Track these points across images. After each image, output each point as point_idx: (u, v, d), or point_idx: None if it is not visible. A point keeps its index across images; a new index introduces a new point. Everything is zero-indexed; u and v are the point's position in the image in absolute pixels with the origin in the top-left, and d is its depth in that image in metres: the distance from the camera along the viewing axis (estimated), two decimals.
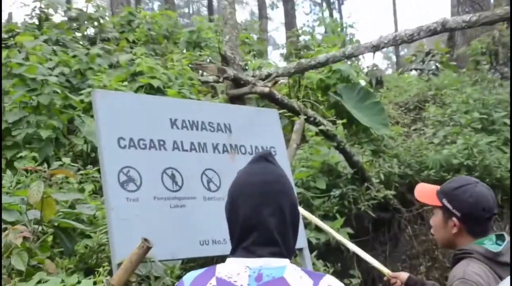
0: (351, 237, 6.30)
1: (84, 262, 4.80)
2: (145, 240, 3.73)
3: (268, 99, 6.06)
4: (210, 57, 7.93)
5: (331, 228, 5.11)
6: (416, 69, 12.89)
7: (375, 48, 6.60)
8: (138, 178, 4.12)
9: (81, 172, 5.89)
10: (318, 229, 5.85)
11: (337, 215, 6.52)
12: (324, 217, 6.42)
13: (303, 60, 6.94)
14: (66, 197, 4.84)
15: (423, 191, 3.13)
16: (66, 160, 5.95)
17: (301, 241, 4.83)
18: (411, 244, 7.41)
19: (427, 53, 12.56)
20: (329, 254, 6.32)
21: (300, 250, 4.82)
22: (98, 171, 5.17)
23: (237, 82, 5.81)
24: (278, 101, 5.95)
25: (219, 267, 2.08)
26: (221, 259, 5.11)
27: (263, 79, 6.08)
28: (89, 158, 6.74)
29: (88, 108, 6.87)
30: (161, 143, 4.37)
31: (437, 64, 12.35)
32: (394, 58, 24.78)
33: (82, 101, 6.97)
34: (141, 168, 4.16)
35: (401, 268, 7.30)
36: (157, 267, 4.21)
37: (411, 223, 7.57)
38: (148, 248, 3.73)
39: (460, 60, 12.33)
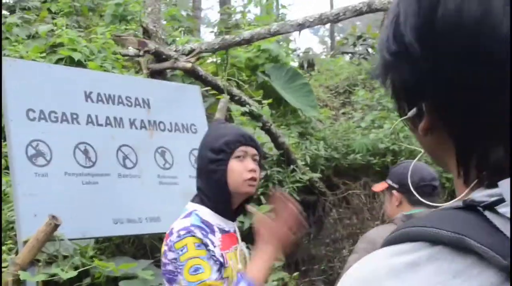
0: None
1: None
2: (53, 217, 3.52)
3: (191, 75, 5.85)
4: (136, 32, 7.63)
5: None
6: (347, 53, 12.87)
7: (301, 26, 6.46)
8: (48, 152, 3.89)
9: None
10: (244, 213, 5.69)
11: (262, 197, 6.38)
12: (248, 200, 6.26)
13: (227, 36, 6.75)
14: None
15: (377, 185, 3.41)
16: None
17: None
18: (335, 227, 7.36)
19: (359, 37, 12.56)
20: (252, 237, 6.20)
21: None
22: None
23: (159, 56, 5.59)
24: (202, 78, 5.75)
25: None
26: (138, 239, 4.95)
27: (186, 55, 5.86)
28: (2, 132, 6.39)
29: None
30: (74, 116, 4.14)
31: (368, 48, 12.36)
32: (329, 42, 24.85)
33: None
34: (51, 142, 3.93)
35: (324, 251, 7.24)
36: (67, 246, 3.99)
37: (336, 207, 7.51)
38: (56, 226, 3.52)
39: None
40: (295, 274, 6.10)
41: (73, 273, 3.63)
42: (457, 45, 0.70)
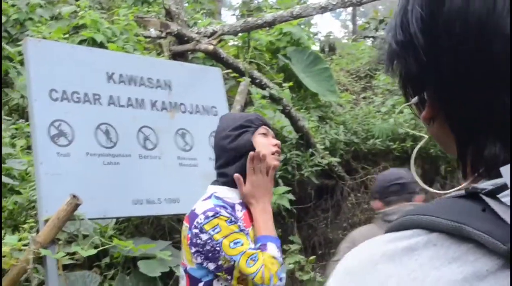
0: (293, 204, 6.21)
1: (13, 219, 4.60)
2: (74, 196, 3.56)
3: (213, 57, 5.86)
4: (158, 14, 7.64)
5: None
6: (369, 37, 12.80)
7: (323, 9, 6.44)
8: (70, 132, 3.93)
9: (13, 126, 5.63)
10: None
11: (279, 180, 6.40)
12: None
13: (249, 19, 6.74)
14: None
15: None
16: None
17: None
18: (353, 212, 7.37)
19: (381, 21, 12.46)
20: None
21: None
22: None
23: (180, 38, 5.59)
24: (223, 60, 5.76)
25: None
26: (157, 220, 5.00)
27: (208, 37, 5.86)
28: (25, 112, 6.46)
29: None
30: (96, 97, 4.18)
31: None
32: (351, 27, 24.69)
33: (20, 53, 6.65)
34: (73, 122, 3.97)
35: (341, 235, 7.26)
36: (87, 226, 4.05)
37: (354, 191, 7.52)
38: (77, 205, 3.57)
39: None
40: (312, 257, 6.14)
41: (93, 251, 3.68)
42: (459, 40, 0.72)
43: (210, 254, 2.30)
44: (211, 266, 2.31)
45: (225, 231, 2.29)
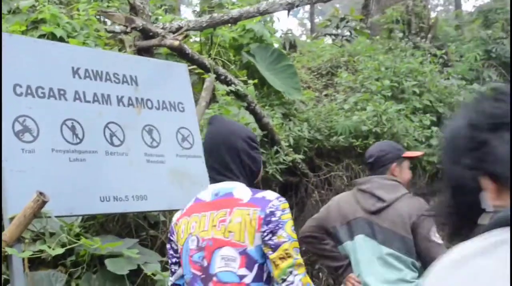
0: None
1: None
2: (41, 193, 3.47)
3: (178, 54, 5.78)
4: (119, 8, 7.52)
5: None
6: (330, 35, 12.83)
7: (290, 5, 6.42)
8: (35, 128, 3.84)
9: None
10: None
11: None
12: None
13: (215, 15, 6.68)
14: None
15: None
16: None
17: None
18: (318, 208, 7.34)
19: (342, 19, 12.53)
20: None
21: None
22: None
23: (146, 33, 5.51)
24: (189, 56, 5.69)
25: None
26: (122, 217, 4.91)
27: (173, 33, 5.79)
28: None
29: None
30: (62, 92, 4.09)
31: (351, 30, 12.33)
32: (308, 25, 24.78)
33: None
34: (38, 118, 3.88)
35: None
36: (54, 223, 3.95)
37: (318, 188, 7.53)
38: (44, 202, 3.48)
39: (374, 28, 12.36)
40: None
41: (60, 250, 3.60)
42: None
43: (274, 230, 2.54)
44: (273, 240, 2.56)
45: (289, 215, 2.61)
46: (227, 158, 2.73)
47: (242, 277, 2.55)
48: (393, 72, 8.91)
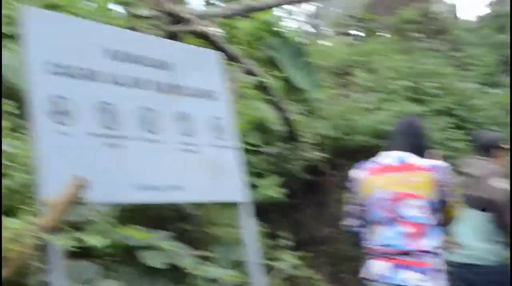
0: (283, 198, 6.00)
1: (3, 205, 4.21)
2: (78, 178, 3.26)
3: (206, 40, 5.55)
4: None
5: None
6: (342, 34, 12.66)
7: None
8: (70, 110, 3.62)
9: None
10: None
11: (270, 174, 6.17)
12: (258, 175, 6.04)
13: (252, 2, 6.47)
14: None
15: None
16: None
17: (239, 194, 4.46)
18: (339, 208, 7.16)
19: (354, 19, 12.34)
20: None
21: (239, 204, 4.44)
22: (17, 106, 4.55)
23: (175, 18, 5.29)
24: (216, 44, 5.47)
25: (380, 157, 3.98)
26: (154, 208, 4.67)
27: (203, 19, 5.58)
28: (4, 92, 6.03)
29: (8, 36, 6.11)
30: (96, 73, 3.86)
31: (361, 31, 12.14)
32: (311, 27, 24.55)
33: None
34: (73, 99, 3.66)
35: (327, 232, 7.07)
36: (88, 212, 3.73)
37: (338, 187, 7.32)
38: (82, 188, 3.26)
39: (384, 29, 12.18)
40: (306, 254, 5.95)
41: (100, 240, 3.37)
42: None
43: (450, 192, 3.75)
44: (447, 198, 3.75)
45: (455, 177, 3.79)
46: (411, 138, 3.89)
47: (424, 220, 3.64)
48: (412, 73, 8.72)
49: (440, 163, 3.77)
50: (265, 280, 4.48)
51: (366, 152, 7.62)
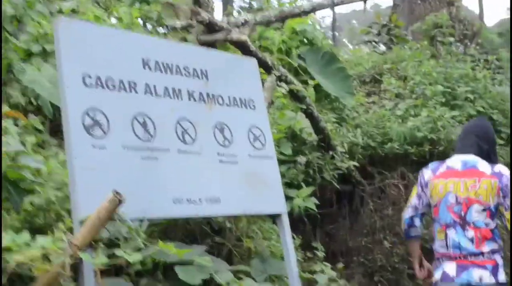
0: (316, 208, 5.85)
1: (28, 222, 4.13)
2: (117, 193, 3.13)
3: (241, 50, 5.44)
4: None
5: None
6: (371, 42, 12.50)
7: None
8: (106, 123, 3.51)
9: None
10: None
11: (302, 184, 6.03)
12: (289, 185, 5.91)
13: (285, 8, 6.36)
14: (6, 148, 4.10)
15: None
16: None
17: (279, 206, 4.33)
18: (373, 218, 7.01)
19: (383, 26, 12.20)
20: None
21: (278, 216, 4.31)
22: (42, 122, 4.47)
23: (211, 27, 5.19)
24: (252, 53, 5.35)
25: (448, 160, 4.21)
26: (186, 222, 4.55)
27: (238, 27, 5.47)
28: (29, 109, 5.97)
29: (30, 54, 6.06)
30: (132, 84, 3.76)
31: (392, 37, 11.97)
32: (331, 34, 24.41)
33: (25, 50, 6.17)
34: (109, 112, 3.54)
35: (362, 243, 6.90)
36: (122, 227, 3.60)
37: (373, 197, 7.17)
38: (120, 203, 3.14)
39: (414, 35, 12.05)
40: (340, 266, 5.80)
41: (138, 257, 3.25)
42: None
43: (506, 195, 4.00)
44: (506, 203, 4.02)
45: None
46: (477, 141, 4.16)
47: (487, 224, 4.00)
48: (445, 78, 8.55)
49: (503, 168, 4.09)
50: None
51: (400, 160, 7.50)
